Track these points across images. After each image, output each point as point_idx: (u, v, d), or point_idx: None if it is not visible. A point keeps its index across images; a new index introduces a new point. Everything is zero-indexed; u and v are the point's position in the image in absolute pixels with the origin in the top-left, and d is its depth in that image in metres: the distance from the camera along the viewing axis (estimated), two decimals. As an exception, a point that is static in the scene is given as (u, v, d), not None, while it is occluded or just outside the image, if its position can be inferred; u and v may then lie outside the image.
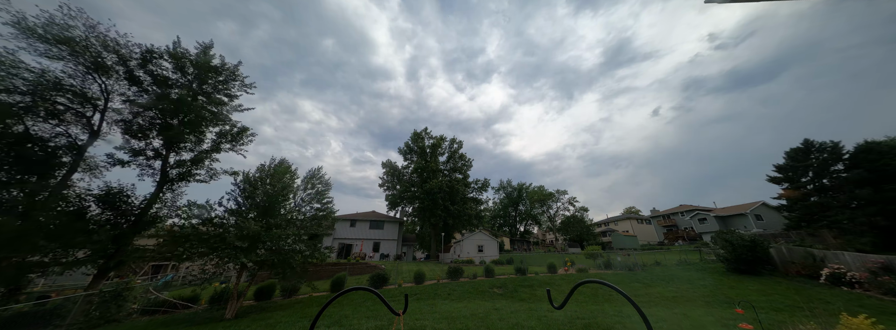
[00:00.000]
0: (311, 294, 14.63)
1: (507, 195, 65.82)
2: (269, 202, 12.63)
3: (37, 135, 13.72)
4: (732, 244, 15.53)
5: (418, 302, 11.91)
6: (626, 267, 18.24)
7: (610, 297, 11.80)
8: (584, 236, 48.74)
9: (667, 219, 50.01)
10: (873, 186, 18.60)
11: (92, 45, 14.02)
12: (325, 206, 15.63)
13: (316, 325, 2.14)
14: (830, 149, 21.63)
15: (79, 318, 11.35)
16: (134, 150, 16.40)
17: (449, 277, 16.46)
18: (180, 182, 17.53)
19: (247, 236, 10.91)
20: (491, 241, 33.40)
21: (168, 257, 17.70)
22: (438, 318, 8.74)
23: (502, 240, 49.41)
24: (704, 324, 8.04)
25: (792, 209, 22.99)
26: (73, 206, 13.90)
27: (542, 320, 8.19)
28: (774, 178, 24.60)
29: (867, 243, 16.50)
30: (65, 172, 14.49)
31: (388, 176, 40.28)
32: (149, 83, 16.12)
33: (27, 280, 13.19)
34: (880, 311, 9.11)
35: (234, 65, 18.13)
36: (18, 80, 12.73)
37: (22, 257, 12.10)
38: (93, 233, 13.38)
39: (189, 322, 10.93)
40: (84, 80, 14.52)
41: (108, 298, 11.88)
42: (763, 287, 12.75)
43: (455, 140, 41.13)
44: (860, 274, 12.02)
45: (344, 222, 33.51)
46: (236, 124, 18.66)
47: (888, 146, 18.98)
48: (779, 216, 28.97)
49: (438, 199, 33.70)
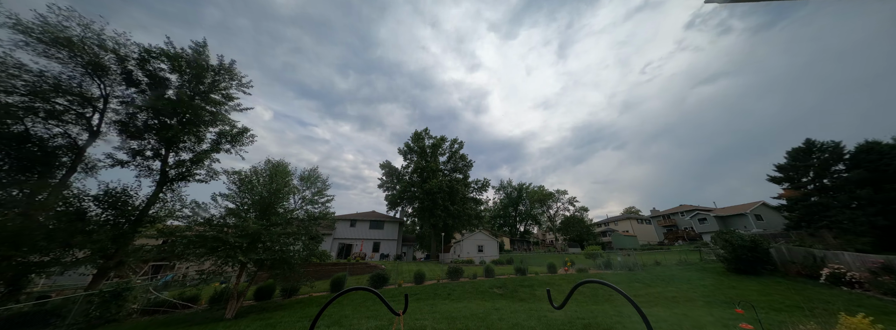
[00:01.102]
0: (311, 294, 14.63)
1: (507, 195, 65.85)
2: (269, 201, 12.63)
3: (37, 135, 13.73)
4: (732, 244, 15.52)
5: (418, 302, 11.91)
6: (626, 267, 18.23)
7: (610, 297, 11.79)
8: (584, 236, 48.75)
9: (667, 219, 50.02)
10: (874, 187, 18.62)
11: (89, 45, 14.00)
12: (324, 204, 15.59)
13: (316, 325, 2.14)
14: (831, 149, 21.63)
15: (79, 318, 11.34)
16: (133, 151, 16.40)
17: (449, 277, 16.46)
18: (180, 182, 17.53)
19: (246, 235, 10.91)
20: (491, 241, 33.39)
21: (168, 257, 17.71)
22: (438, 318, 8.74)
23: (502, 240, 49.42)
24: (704, 324, 8.03)
25: (792, 209, 22.99)
26: (72, 206, 13.90)
27: (542, 320, 8.19)
28: (775, 177, 24.60)
29: (867, 243, 16.51)
30: (65, 172, 14.50)
31: (386, 177, 40.32)
32: (146, 83, 16.11)
33: (27, 280, 13.19)
34: (880, 311, 9.10)
35: (230, 63, 17.98)
36: (18, 80, 12.73)
37: (22, 257, 12.11)
38: (93, 233, 13.39)
39: (189, 322, 10.92)
40: (82, 80, 14.53)
41: (108, 298, 11.87)
42: (763, 287, 12.74)
43: (455, 140, 41.14)
44: (860, 274, 12.01)
45: (344, 222, 33.50)
46: (236, 125, 18.64)
47: (889, 146, 19.00)
48: (779, 216, 28.97)
49: (438, 199, 33.70)
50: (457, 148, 41.11)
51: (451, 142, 40.93)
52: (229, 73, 18.00)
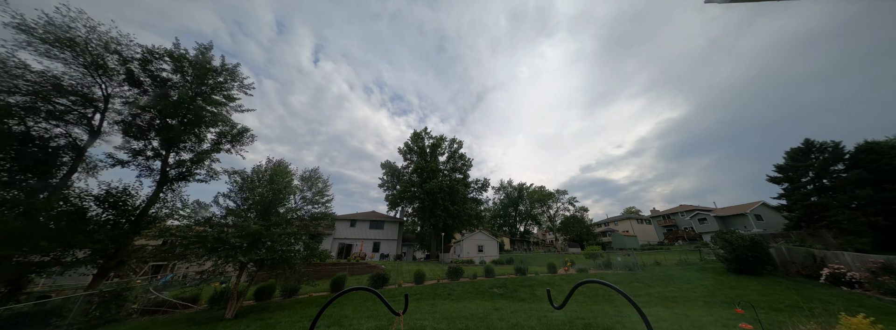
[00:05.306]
0: (311, 294, 14.63)
1: (507, 195, 65.89)
2: (269, 201, 12.63)
3: (38, 135, 13.73)
4: (732, 244, 15.52)
5: (418, 302, 11.91)
6: (626, 267, 18.21)
7: (610, 297, 11.79)
8: (584, 236, 48.75)
9: (667, 219, 50.01)
10: (873, 186, 18.61)
11: (93, 47, 14.04)
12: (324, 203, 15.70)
13: (316, 325, 2.15)
14: (831, 149, 21.62)
15: (79, 318, 11.35)
16: (134, 151, 16.41)
17: (449, 277, 16.45)
18: (180, 182, 17.54)
19: (246, 235, 10.91)
20: (491, 241, 33.40)
21: (168, 257, 17.72)
22: (438, 318, 8.74)
23: (502, 240, 49.42)
24: (704, 324, 8.03)
25: (792, 209, 22.99)
26: (73, 205, 13.90)
27: (542, 320, 8.20)
28: (774, 178, 24.59)
29: (867, 243, 16.50)
30: (65, 172, 14.50)
31: (387, 176, 40.32)
32: (148, 84, 16.15)
33: (27, 280, 13.19)
34: (880, 311, 9.10)
35: (234, 66, 18.16)
36: (20, 80, 12.74)
37: (23, 257, 12.11)
38: (93, 232, 13.39)
39: (189, 322, 10.92)
40: (85, 80, 14.54)
41: (108, 298, 11.88)
42: (763, 287, 12.74)
43: (455, 140, 41.16)
44: (860, 274, 12.01)
45: (344, 222, 33.50)
46: (236, 125, 18.70)
47: (888, 146, 19.00)
48: (779, 216, 28.96)
49: (438, 199, 33.70)
50: (456, 148, 41.11)
51: (451, 141, 40.95)
52: (231, 74, 18.10)
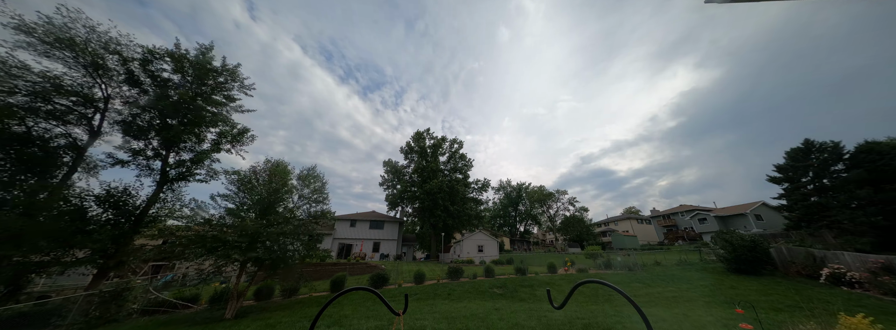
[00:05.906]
0: (311, 294, 14.62)
1: (507, 195, 65.87)
2: (268, 201, 12.64)
3: (38, 135, 13.73)
4: (732, 244, 15.52)
5: (418, 302, 11.91)
6: (626, 267, 18.22)
7: (610, 297, 11.79)
8: (584, 236, 48.74)
9: (667, 219, 50.00)
10: (873, 186, 18.61)
11: (93, 47, 14.04)
12: (323, 201, 15.73)
13: (316, 325, 2.15)
14: (831, 149, 21.62)
15: (79, 318, 11.35)
16: (133, 150, 16.41)
17: (449, 277, 16.45)
18: (180, 182, 17.56)
19: (245, 234, 10.91)
20: (491, 241, 33.39)
21: (168, 257, 17.72)
22: (438, 318, 8.73)
23: (502, 240, 49.40)
24: (704, 324, 8.03)
25: (792, 209, 22.98)
26: (73, 205, 13.90)
27: (542, 320, 8.19)
28: (774, 178, 24.59)
29: (867, 243, 16.51)
30: (65, 172, 14.50)
31: (389, 175, 40.32)
32: (149, 84, 16.15)
33: (27, 280, 13.19)
34: (880, 311, 9.10)
35: (234, 66, 18.17)
36: (20, 81, 12.73)
37: (22, 257, 12.11)
38: (93, 232, 13.39)
39: (189, 322, 10.91)
40: (85, 80, 14.55)
41: (108, 298, 11.87)
42: (763, 287, 12.74)
43: (456, 140, 41.19)
44: (860, 274, 12.01)
45: (344, 222, 33.50)
46: (236, 125, 18.71)
47: (888, 146, 18.99)
48: (779, 216, 28.98)
49: (438, 199, 33.70)
50: (456, 148, 41.12)
51: (451, 142, 40.99)
52: (232, 75, 18.11)
